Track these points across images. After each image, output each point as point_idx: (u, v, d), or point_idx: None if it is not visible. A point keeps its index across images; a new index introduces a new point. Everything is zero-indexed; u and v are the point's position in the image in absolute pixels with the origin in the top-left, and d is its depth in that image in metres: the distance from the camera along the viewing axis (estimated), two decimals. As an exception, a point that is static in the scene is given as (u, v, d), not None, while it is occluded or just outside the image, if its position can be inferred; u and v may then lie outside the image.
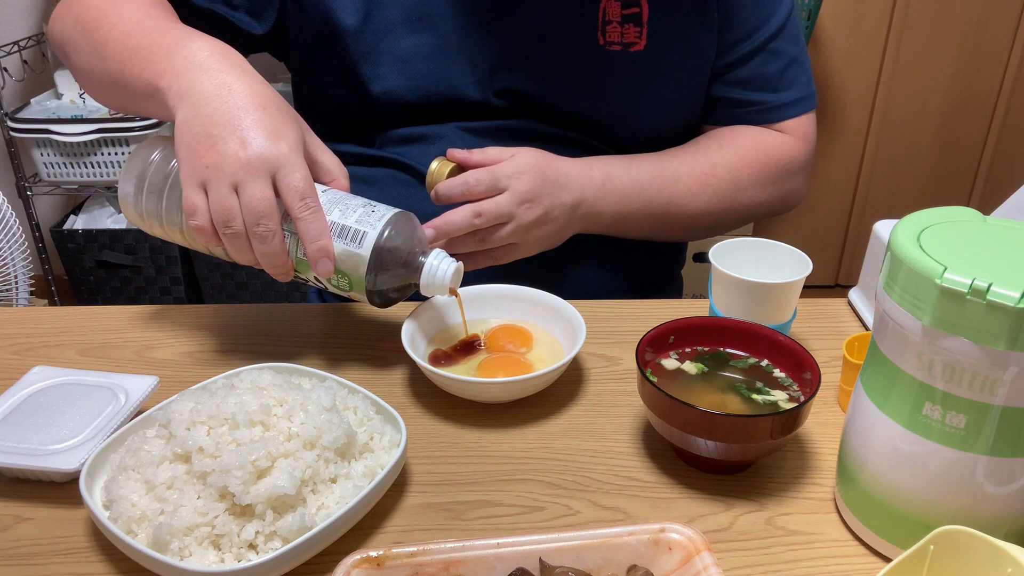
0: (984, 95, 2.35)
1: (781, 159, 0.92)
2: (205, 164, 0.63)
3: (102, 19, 0.76)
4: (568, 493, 0.61)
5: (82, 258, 2.13)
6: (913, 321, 0.47)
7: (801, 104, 0.93)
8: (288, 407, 0.58)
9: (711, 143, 0.92)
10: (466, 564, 0.48)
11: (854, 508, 0.56)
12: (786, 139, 0.93)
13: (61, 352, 0.77)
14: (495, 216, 0.78)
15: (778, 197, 0.94)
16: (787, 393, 0.62)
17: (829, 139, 2.41)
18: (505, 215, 0.78)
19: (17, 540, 0.57)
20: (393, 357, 0.76)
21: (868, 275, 0.82)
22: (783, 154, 0.92)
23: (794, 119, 0.93)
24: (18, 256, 1.29)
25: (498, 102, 0.88)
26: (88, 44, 0.76)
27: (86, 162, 2.06)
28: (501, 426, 0.67)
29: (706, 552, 0.48)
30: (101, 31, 0.75)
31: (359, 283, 0.68)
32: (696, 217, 0.90)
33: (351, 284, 0.68)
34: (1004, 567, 0.43)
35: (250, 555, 0.52)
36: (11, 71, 2.07)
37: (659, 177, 0.87)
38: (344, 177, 0.73)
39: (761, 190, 0.92)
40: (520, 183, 0.78)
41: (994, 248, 0.48)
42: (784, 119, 0.93)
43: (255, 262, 0.66)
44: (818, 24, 2.21)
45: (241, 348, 0.78)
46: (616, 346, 0.78)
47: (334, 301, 0.92)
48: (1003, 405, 0.46)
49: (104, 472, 0.58)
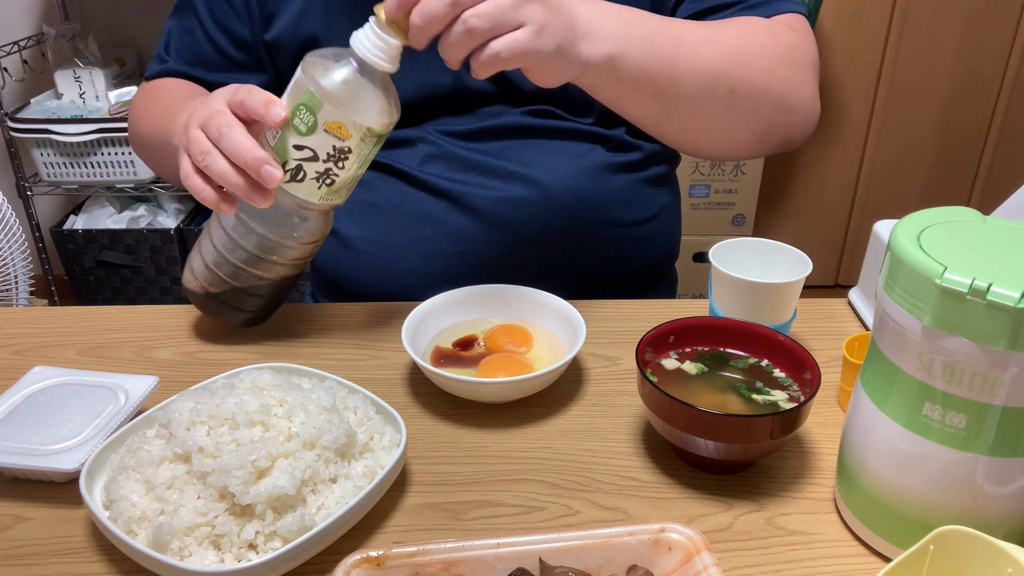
0: (984, 95, 2.35)
1: (787, 39, 0.82)
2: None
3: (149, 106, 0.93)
4: (568, 493, 0.61)
5: (82, 258, 2.13)
6: (913, 321, 0.47)
7: (792, 2, 0.85)
8: (288, 407, 0.58)
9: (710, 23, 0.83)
10: (466, 564, 0.48)
11: (854, 508, 0.56)
12: (786, 28, 0.83)
13: (61, 352, 0.77)
14: (489, 16, 0.63)
15: (793, 86, 0.81)
16: (787, 393, 0.62)
17: (829, 139, 2.41)
18: (502, 12, 0.63)
19: (17, 540, 0.57)
20: (393, 357, 0.76)
21: (868, 275, 0.82)
22: (788, 36, 0.82)
23: (788, 15, 0.84)
24: (18, 256, 1.29)
25: (474, 81, 0.86)
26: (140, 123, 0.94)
27: (86, 162, 2.05)
28: (501, 426, 0.67)
29: (706, 552, 0.48)
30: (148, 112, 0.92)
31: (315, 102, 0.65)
32: (709, 75, 0.76)
33: (311, 110, 0.65)
34: (1004, 567, 0.43)
35: (250, 555, 0.52)
36: (11, 71, 2.07)
37: (662, 21, 0.76)
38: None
39: (772, 64, 0.80)
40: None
41: (994, 248, 0.48)
42: (776, 14, 0.84)
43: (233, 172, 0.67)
44: (818, 24, 2.21)
45: (241, 348, 0.78)
46: (616, 346, 0.78)
47: (334, 301, 0.92)
48: (1003, 405, 0.46)
49: (104, 472, 0.58)
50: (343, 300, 0.90)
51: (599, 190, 0.91)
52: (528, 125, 0.90)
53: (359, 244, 0.90)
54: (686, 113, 0.78)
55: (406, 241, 0.89)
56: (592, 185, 0.90)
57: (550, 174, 0.88)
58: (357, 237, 0.91)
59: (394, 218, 0.89)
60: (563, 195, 0.88)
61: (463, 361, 0.72)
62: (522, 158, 0.89)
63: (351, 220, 0.92)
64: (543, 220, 0.88)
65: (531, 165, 0.88)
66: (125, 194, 2.17)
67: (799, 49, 0.83)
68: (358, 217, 0.91)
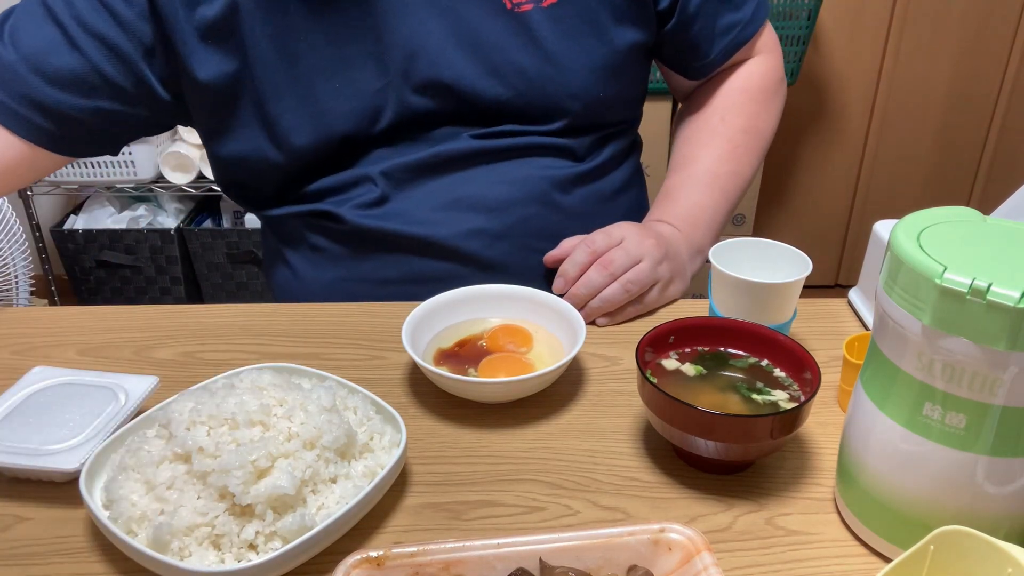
0: (984, 95, 2.35)
1: (771, 82, 0.97)
2: None
3: None
4: (568, 493, 0.61)
5: (82, 258, 2.13)
6: (913, 321, 0.47)
7: (761, 11, 0.94)
8: (288, 407, 0.58)
9: (712, 120, 0.94)
10: (466, 564, 0.48)
11: (854, 508, 0.56)
12: (761, 59, 0.97)
13: (61, 352, 0.77)
14: (641, 283, 0.79)
15: (780, 112, 1.00)
16: (787, 393, 0.62)
17: (829, 139, 2.41)
18: (649, 279, 0.80)
19: (17, 540, 0.57)
20: (393, 357, 0.76)
21: (868, 275, 0.82)
22: (769, 74, 0.97)
23: (760, 34, 0.95)
24: (18, 256, 1.28)
25: (419, 100, 0.84)
26: None
27: (86, 162, 2.05)
28: (501, 426, 0.67)
29: (706, 552, 0.48)
30: None
31: None
32: (747, 183, 0.94)
33: None
34: (1004, 567, 0.43)
35: (250, 555, 0.52)
36: (11, 71, 2.07)
37: (704, 185, 0.90)
38: None
39: (773, 121, 0.98)
40: (647, 246, 0.80)
41: (994, 248, 0.48)
42: (755, 33, 0.94)
43: None
44: (818, 24, 2.21)
45: (241, 348, 0.78)
46: (616, 346, 0.78)
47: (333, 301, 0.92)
48: (1003, 405, 0.46)
49: (104, 472, 0.58)
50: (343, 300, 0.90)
51: (556, 210, 0.89)
52: (482, 149, 0.86)
53: (319, 287, 0.90)
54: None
55: (368, 287, 0.88)
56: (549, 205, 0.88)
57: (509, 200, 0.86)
58: (314, 279, 0.90)
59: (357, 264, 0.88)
60: (519, 223, 0.87)
61: (463, 361, 0.72)
62: (478, 188, 0.86)
63: (309, 264, 0.90)
64: (504, 249, 0.87)
65: (487, 195, 0.86)
66: (125, 194, 2.17)
67: (778, 70, 0.99)
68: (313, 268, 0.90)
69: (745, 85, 0.96)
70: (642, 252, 0.80)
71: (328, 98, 0.83)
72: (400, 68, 0.83)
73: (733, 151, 0.92)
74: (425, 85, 0.83)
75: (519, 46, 0.83)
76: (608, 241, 0.80)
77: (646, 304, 0.81)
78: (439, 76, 0.83)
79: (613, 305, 0.79)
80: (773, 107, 0.98)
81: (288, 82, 0.82)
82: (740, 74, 0.96)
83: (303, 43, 0.81)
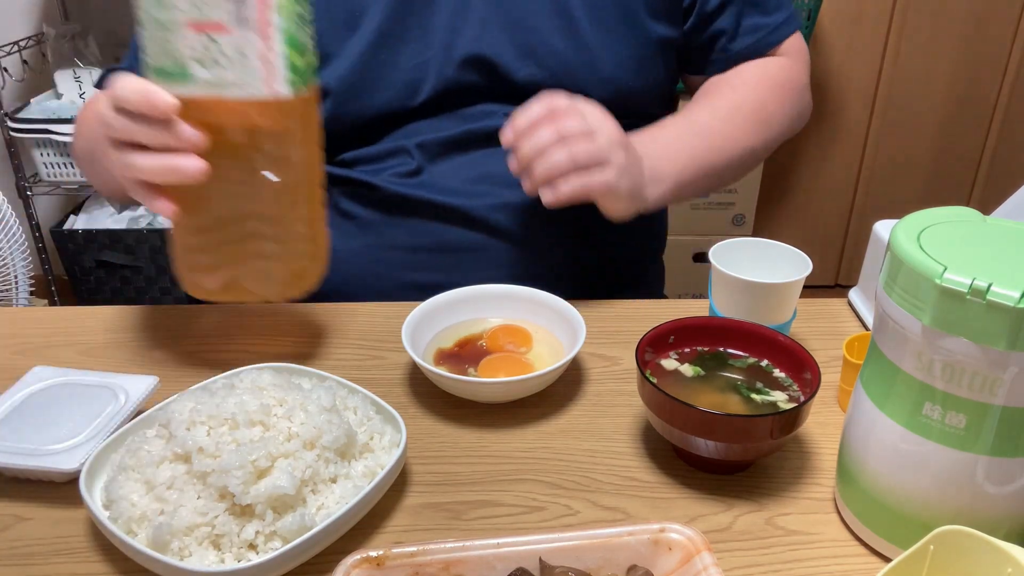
0: (984, 95, 2.35)
1: (792, 80, 0.95)
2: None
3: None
4: (568, 493, 0.61)
5: (82, 258, 2.13)
6: (913, 321, 0.47)
7: (792, 22, 0.95)
8: (288, 407, 0.58)
9: (722, 88, 0.93)
10: (466, 564, 0.48)
11: (854, 508, 0.56)
12: (787, 61, 0.96)
13: (61, 352, 0.77)
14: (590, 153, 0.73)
15: (796, 115, 0.97)
16: (787, 393, 0.62)
17: (829, 139, 2.41)
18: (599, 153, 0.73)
19: (17, 540, 0.57)
20: (393, 357, 0.76)
21: (868, 275, 0.82)
22: (792, 75, 0.95)
23: (789, 39, 0.95)
24: (18, 256, 1.29)
25: (458, 75, 0.85)
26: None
27: (86, 162, 2.05)
28: (501, 426, 0.67)
29: (706, 552, 0.48)
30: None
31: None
32: (740, 157, 0.91)
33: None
34: (1004, 567, 0.43)
35: (250, 555, 0.52)
36: (11, 71, 2.07)
37: (693, 132, 0.88)
38: None
39: (785, 114, 0.94)
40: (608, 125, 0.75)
41: (994, 248, 0.48)
42: (781, 40, 0.94)
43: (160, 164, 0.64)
44: (818, 24, 2.22)
45: (241, 348, 0.78)
46: (616, 346, 0.78)
47: (333, 301, 0.92)
48: (1003, 405, 0.46)
49: (104, 472, 0.58)
50: (343, 300, 0.90)
51: None
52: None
53: (347, 256, 0.89)
54: (726, 182, 0.94)
55: (399, 254, 0.88)
56: None
57: None
58: (343, 249, 0.89)
59: (389, 231, 0.88)
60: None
61: (463, 361, 0.72)
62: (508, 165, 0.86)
63: (337, 232, 0.89)
64: (532, 224, 0.87)
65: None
66: (125, 194, 2.17)
67: (802, 77, 0.97)
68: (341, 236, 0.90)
69: (763, 72, 0.94)
70: (600, 127, 0.74)
71: (376, 67, 0.84)
72: (444, 42, 0.85)
73: (732, 116, 0.90)
74: (466, 60, 0.85)
75: (556, 28, 0.85)
76: (570, 103, 0.75)
77: (590, 185, 0.73)
78: (480, 52, 0.85)
79: (554, 169, 0.72)
80: (787, 102, 0.94)
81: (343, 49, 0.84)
82: (759, 62, 0.95)
83: (369, 12, 0.84)
